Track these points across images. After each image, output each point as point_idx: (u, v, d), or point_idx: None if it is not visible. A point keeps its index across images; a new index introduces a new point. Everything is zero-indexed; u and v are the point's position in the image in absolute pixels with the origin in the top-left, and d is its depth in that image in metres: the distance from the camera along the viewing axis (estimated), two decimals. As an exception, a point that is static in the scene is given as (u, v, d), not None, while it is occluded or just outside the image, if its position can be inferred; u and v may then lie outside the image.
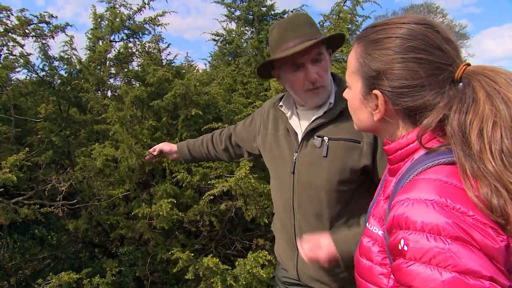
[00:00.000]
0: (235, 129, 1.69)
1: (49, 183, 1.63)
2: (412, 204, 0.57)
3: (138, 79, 2.64)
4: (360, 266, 0.74)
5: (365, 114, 0.76)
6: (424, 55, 0.64)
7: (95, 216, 2.07)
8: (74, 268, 2.51)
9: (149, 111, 2.74)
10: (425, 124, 0.64)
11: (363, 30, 0.75)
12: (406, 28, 0.66)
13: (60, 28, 2.83)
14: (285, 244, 1.47)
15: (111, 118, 2.12)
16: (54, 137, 2.40)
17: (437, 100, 0.65)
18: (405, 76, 0.65)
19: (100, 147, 2.22)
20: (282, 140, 1.37)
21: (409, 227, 0.56)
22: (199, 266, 1.93)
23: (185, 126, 2.66)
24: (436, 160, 0.62)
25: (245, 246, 2.58)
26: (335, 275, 1.35)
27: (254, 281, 2.02)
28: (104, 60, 2.76)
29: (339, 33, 1.23)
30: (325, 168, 1.22)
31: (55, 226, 2.68)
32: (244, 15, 3.54)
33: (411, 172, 0.64)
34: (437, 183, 0.58)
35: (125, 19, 2.82)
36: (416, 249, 0.54)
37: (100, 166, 2.03)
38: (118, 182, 2.20)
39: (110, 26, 2.79)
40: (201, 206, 2.17)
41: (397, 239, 0.57)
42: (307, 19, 1.23)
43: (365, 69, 0.71)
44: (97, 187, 2.09)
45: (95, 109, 2.86)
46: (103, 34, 2.90)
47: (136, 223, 2.00)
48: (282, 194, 1.37)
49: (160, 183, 2.42)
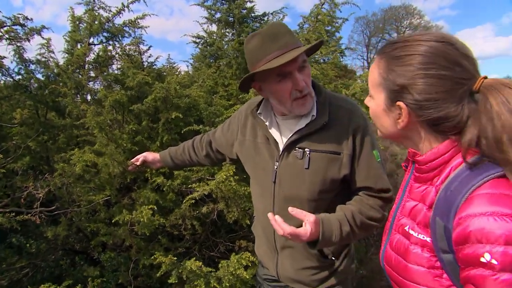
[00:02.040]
0: (214, 135, 1.69)
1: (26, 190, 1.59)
2: (489, 219, 0.62)
3: (117, 83, 2.61)
4: (410, 272, 0.79)
5: (388, 122, 0.82)
6: (444, 71, 0.70)
7: (75, 222, 2.04)
8: (54, 276, 2.46)
9: (130, 115, 2.72)
10: (468, 140, 0.70)
11: (385, 46, 0.81)
12: (426, 46, 0.72)
13: (36, 31, 2.77)
14: (265, 247, 1.51)
15: (90, 123, 2.09)
16: (31, 142, 2.35)
17: (457, 112, 0.71)
18: (428, 91, 0.71)
19: (80, 153, 2.19)
20: (262, 148, 1.37)
21: (494, 241, 0.61)
22: (182, 269, 1.94)
23: (166, 130, 2.65)
24: (489, 175, 0.67)
25: (229, 248, 2.60)
26: (313, 275, 1.39)
27: (238, 283, 2.05)
28: (82, 64, 2.71)
29: (320, 41, 1.25)
30: (307, 179, 1.25)
31: (34, 234, 2.62)
32: (224, 18, 3.56)
33: (464, 186, 0.68)
34: (504, 197, 0.63)
35: (104, 22, 2.78)
36: (506, 261, 0.60)
37: (80, 172, 2.00)
38: (99, 187, 2.18)
39: (89, 29, 2.74)
40: (183, 210, 2.17)
41: (479, 253, 0.63)
42: (285, 28, 1.22)
43: (388, 83, 0.77)
44: (76, 193, 2.06)
45: (74, 114, 2.81)
46: (81, 37, 2.85)
47: (117, 230, 1.98)
48: (263, 200, 1.40)
49: (142, 188, 2.41)
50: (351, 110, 1.26)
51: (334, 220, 1.19)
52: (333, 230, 1.17)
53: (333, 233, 1.17)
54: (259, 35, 1.20)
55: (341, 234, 1.18)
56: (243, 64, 3.59)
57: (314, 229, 1.12)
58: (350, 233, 1.20)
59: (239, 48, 3.48)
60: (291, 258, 1.39)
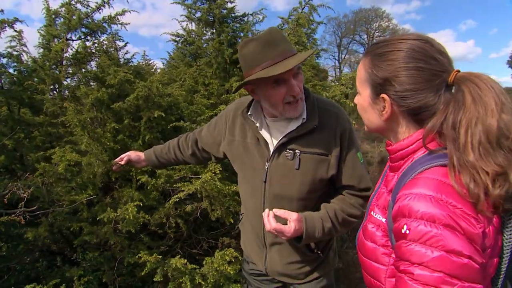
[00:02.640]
0: (200, 134, 1.70)
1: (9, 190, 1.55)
2: (414, 198, 0.72)
3: (97, 80, 2.56)
4: (365, 248, 0.89)
5: (374, 115, 0.90)
6: (422, 64, 0.79)
7: (57, 222, 2.00)
8: (30, 279, 2.39)
9: (109, 113, 2.68)
10: (430, 126, 0.79)
11: (371, 46, 0.89)
12: (407, 43, 0.81)
13: (8, 23, 2.66)
14: (254, 243, 1.56)
15: (71, 121, 2.05)
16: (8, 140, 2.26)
17: (435, 102, 0.80)
18: (407, 82, 0.80)
19: (61, 151, 2.14)
20: (252, 148, 1.41)
21: (411, 216, 0.71)
22: (167, 267, 1.96)
23: (148, 128, 2.64)
24: (434, 163, 0.76)
25: (211, 245, 2.64)
26: (300, 269, 1.48)
27: (222, 278, 2.10)
28: (60, 60, 2.63)
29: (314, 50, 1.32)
30: (297, 179, 1.32)
31: (7, 236, 2.52)
32: (204, 17, 3.56)
33: (413, 171, 0.78)
34: (434, 182, 0.73)
35: (83, 17, 2.71)
36: (415, 232, 0.69)
37: (62, 171, 1.97)
38: (80, 187, 2.14)
39: (67, 24, 2.66)
40: (167, 208, 2.19)
41: (401, 225, 0.73)
42: (281, 35, 1.25)
43: (373, 77, 0.85)
44: (58, 193, 2.02)
45: (50, 111, 2.72)
46: (58, 32, 2.76)
47: (101, 228, 1.97)
48: (254, 199, 1.44)
49: (124, 186, 2.39)
50: (337, 114, 1.35)
51: (317, 218, 1.29)
52: (316, 226, 1.27)
53: (316, 229, 1.27)
54: (257, 41, 1.22)
55: (323, 230, 1.28)
56: (223, 64, 3.63)
57: (298, 226, 1.22)
58: (332, 229, 1.31)
59: (220, 47, 3.52)
60: (279, 253, 1.47)
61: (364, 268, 0.91)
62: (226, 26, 3.58)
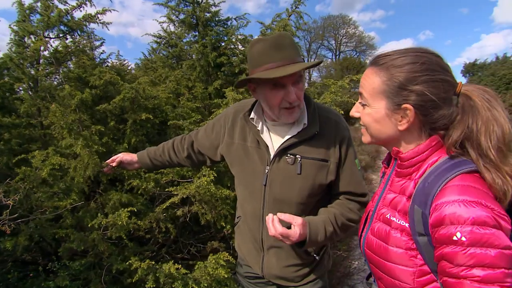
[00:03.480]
0: (196, 136, 1.68)
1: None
2: (460, 205, 0.77)
3: (80, 81, 2.45)
4: (390, 253, 0.93)
5: (389, 125, 0.93)
6: (442, 75, 0.85)
7: (37, 230, 1.88)
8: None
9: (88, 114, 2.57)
10: (457, 136, 0.85)
11: (380, 58, 0.93)
12: (424, 56, 0.87)
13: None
14: (251, 246, 1.56)
15: (57, 123, 1.95)
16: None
17: (450, 111, 0.86)
18: (433, 92, 0.85)
19: (41, 154, 2.03)
20: (253, 151, 1.42)
21: (462, 222, 0.76)
22: (159, 273, 1.91)
23: (133, 131, 2.57)
24: (460, 170, 0.82)
25: (199, 249, 2.62)
26: (297, 272, 1.49)
27: (214, 283, 2.09)
28: (37, 58, 2.49)
29: (320, 61, 1.34)
30: (298, 184, 1.34)
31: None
32: (188, 19, 3.53)
33: (441, 178, 0.83)
34: (470, 188, 0.79)
35: (63, 15, 2.58)
36: (473, 238, 0.75)
37: (46, 176, 1.86)
38: (64, 192, 2.04)
39: (45, 21, 2.52)
40: (157, 213, 2.14)
41: (451, 232, 0.77)
42: (291, 41, 1.26)
43: (392, 88, 0.89)
44: (39, 199, 1.91)
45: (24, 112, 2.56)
46: (35, 29, 2.60)
47: (88, 235, 1.89)
48: (253, 202, 1.44)
49: (109, 191, 2.31)
50: (337, 122, 1.40)
51: (320, 222, 1.32)
52: (319, 231, 1.30)
53: (318, 234, 1.30)
54: (265, 42, 1.23)
55: (326, 234, 1.31)
56: (206, 67, 3.61)
57: (302, 230, 1.24)
58: (333, 233, 1.34)
59: (203, 51, 3.49)
60: (277, 257, 1.48)
61: (386, 272, 0.95)
62: (210, 29, 3.57)
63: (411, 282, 0.89)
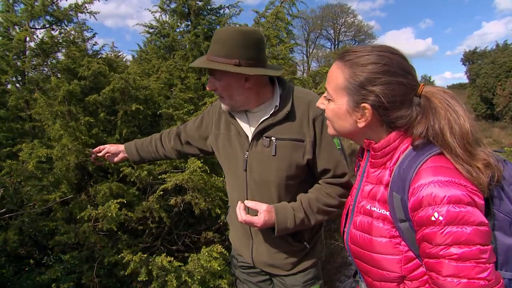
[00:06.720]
0: (185, 128, 1.69)
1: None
2: (434, 186, 0.79)
3: (68, 72, 2.40)
4: (374, 244, 0.93)
5: (349, 122, 0.95)
6: (403, 78, 0.87)
7: (27, 224, 1.85)
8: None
9: (82, 106, 2.52)
10: (418, 133, 0.88)
11: (347, 54, 0.92)
12: (388, 57, 0.87)
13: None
14: (241, 234, 1.57)
15: (44, 115, 1.91)
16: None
17: (409, 112, 0.88)
18: (391, 94, 0.86)
19: (28, 147, 1.98)
20: (235, 140, 1.45)
21: (438, 202, 0.78)
22: (151, 266, 1.89)
23: (124, 122, 2.53)
24: (431, 153, 0.85)
25: (193, 240, 2.60)
26: (287, 259, 1.49)
27: (208, 275, 2.07)
28: (23, 50, 2.43)
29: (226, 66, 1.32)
30: (274, 165, 1.35)
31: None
32: (180, 8, 3.46)
33: (414, 163, 0.85)
34: (443, 169, 0.82)
35: (47, 4, 2.51)
36: (449, 216, 0.76)
37: (32, 169, 1.82)
38: (53, 185, 2.00)
39: (30, 11, 2.46)
40: (150, 202, 2.11)
41: (429, 213, 0.79)
42: (228, 37, 1.27)
43: (353, 87, 0.89)
44: (27, 192, 1.87)
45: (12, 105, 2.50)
46: (19, 19, 2.54)
47: (79, 227, 1.86)
48: (237, 189, 1.47)
49: (100, 182, 2.27)
50: (310, 100, 1.37)
51: (289, 209, 1.34)
52: (287, 217, 1.32)
53: (287, 220, 1.32)
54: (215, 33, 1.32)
55: (295, 220, 1.33)
56: (198, 57, 3.52)
57: (268, 216, 1.28)
58: (305, 219, 1.35)
59: (196, 40, 3.43)
60: (265, 243, 1.48)
61: (373, 264, 0.95)
62: (202, 18, 3.51)
63: (399, 270, 0.89)
